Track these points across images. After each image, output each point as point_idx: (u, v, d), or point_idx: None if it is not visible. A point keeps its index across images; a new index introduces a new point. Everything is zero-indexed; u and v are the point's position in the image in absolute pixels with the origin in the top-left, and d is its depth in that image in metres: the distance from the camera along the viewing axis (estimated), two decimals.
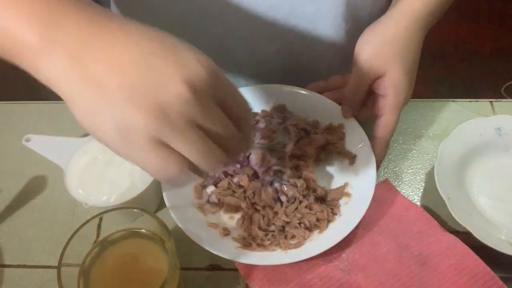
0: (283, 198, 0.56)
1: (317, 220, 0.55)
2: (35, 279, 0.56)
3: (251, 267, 0.54)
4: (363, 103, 0.61)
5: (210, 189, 0.59)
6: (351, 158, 0.60)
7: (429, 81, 1.58)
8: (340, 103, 0.63)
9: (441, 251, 0.54)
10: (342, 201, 0.57)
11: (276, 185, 0.57)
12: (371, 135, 0.59)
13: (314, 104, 0.65)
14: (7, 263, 0.57)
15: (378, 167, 0.58)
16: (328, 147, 0.62)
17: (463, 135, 0.60)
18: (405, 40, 0.55)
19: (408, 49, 0.56)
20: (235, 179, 0.58)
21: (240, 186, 0.58)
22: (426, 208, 0.59)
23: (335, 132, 0.63)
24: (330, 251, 0.52)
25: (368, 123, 0.61)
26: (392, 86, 0.55)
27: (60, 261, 0.44)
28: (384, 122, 0.57)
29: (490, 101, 0.70)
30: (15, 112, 0.73)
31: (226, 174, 0.59)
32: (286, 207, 0.56)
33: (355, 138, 0.61)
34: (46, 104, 0.74)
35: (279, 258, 0.52)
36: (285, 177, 0.57)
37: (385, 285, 0.52)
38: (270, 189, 0.57)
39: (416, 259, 0.53)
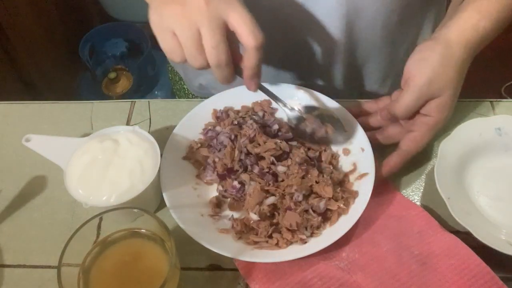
0: (280, 169, 0.57)
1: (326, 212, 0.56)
2: (35, 279, 0.56)
3: (251, 267, 0.54)
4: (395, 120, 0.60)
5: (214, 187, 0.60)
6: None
7: None
8: (372, 128, 0.62)
9: (441, 250, 0.54)
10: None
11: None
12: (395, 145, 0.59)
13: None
14: (7, 263, 0.57)
15: (389, 174, 0.58)
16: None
17: (463, 135, 0.60)
18: (460, 64, 0.55)
19: (461, 73, 0.56)
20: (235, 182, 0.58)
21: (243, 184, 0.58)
22: (426, 208, 0.59)
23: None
24: (331, 250, 0.52)
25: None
26: (439, 109, 0.55)
27: (60, 261, 0.44)
28: (416, 138, 0.57)
29: (490, 101, 0.70)
30: (15, 112, 0.73)
31: (228, 176, 0.59)
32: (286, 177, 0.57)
33: (357, 139, 0.61)
34: (46, 104, 0.74)
35: (280, 256, 0.52)
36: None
37: (385, 285, 0.52)
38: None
39: (416, 259, 0.53)
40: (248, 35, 0.48)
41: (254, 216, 0.55)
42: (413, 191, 0.62)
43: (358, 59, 0.73)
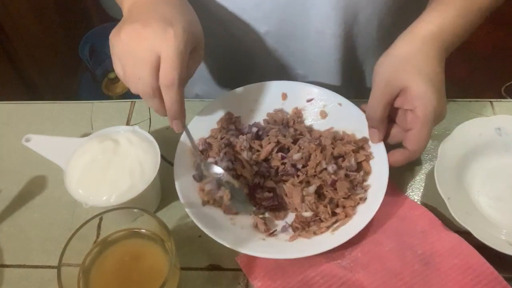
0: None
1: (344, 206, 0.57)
2: (35, 279, 0.56)
3: (253, 265, 0.54)
4: (390, 120, 0.59)
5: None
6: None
7: None
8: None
9: (445, 250, 0.54)
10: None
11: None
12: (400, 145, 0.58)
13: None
14: (7, 263, 0.57)
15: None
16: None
17: (463, 135, 0.60)
18: (421, 56, 0.54)
19: (425, 64, 0.54)
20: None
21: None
22: (426, 207, 0.59)
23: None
24: (333, 248, 0.52)
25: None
26: (418, 98, 0.53)
27: (60, 261, 0.44)
28: (415, 136, 0.55)
29: (490, 101, 0.70)
30: (15, 112, 0.73)
31: (255, 192, 0.59)
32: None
33: (331, 99, 0.65)
34: (46, 104, 0.74)
35: (292, 252, 0.52)
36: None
37: (388, 284, 0.52)
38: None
39: (419, 258, 0.53)
40: (161, 72, 0.49)
41: (307, 214, 0.56)
42: (413, 191, 0.62)
43: (355, 61, 0.73)
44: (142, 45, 0.49)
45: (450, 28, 0.56)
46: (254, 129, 0.64)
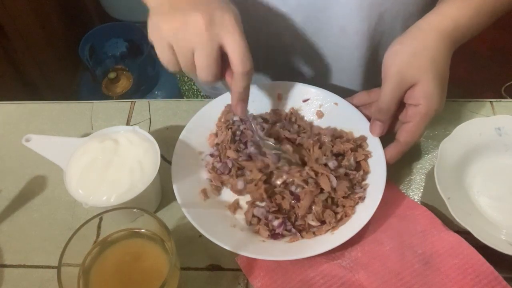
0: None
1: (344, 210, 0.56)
2: (35, 279, 0.56)
3: (253, 265, 0.54)
4: (395, 116, 0.60)
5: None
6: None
7: None
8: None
9: (445, 250, 0.54)
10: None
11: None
12: (392, 138, 0.59)
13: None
14: (7, 263, 0.57)
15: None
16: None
17: (463, 135, 0.60)
18: (435, 51, 0.55)
19: (438, 60, 0.55)
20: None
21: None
22: (426, 207, 0.59)
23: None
24: (333, 248, 0.53)
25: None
26: (425, 96, 0.54)
27: (60, 261, 0.44)
28: (411, 129, 0.56)
29: (490, 101, 0.70)
30: (15, 112, 0.73)
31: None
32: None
33: (327, 97, 0.65)
34: (46, 104, 0.74)
35: (292, 254, 0.52)
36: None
37: (388, 284, 0.52)
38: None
39: (420, 258, 0.53)
40: (237, 62, 0.51)
41: (313, 223, 0.55)
42: (413, 191, 0.62)
43: (378, 64, 0.72)
44: (203, 34, 0.49)
45: (465, 26, 0.57)
46: (259, 120, 0.64)
